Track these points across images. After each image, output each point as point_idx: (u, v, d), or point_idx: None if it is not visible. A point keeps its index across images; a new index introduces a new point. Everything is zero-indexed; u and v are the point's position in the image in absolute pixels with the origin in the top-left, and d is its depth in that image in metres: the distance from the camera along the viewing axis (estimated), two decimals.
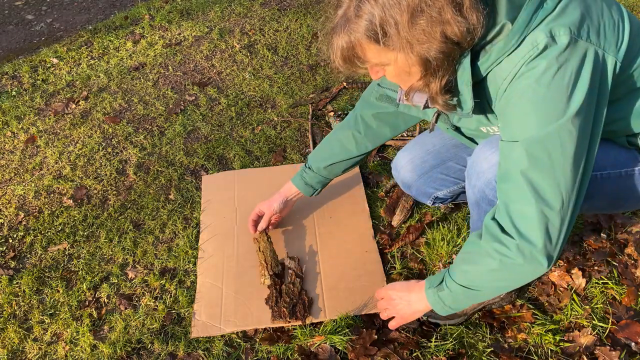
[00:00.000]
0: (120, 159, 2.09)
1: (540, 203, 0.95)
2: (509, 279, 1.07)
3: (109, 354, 1.42)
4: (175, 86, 2.49)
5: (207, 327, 1.45)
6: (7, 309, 1.58)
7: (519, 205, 0.97)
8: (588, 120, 0.94)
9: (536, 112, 0.92)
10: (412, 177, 1.48)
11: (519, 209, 0.97)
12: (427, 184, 1.45)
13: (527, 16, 0.90)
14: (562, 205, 0.95)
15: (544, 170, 0.94)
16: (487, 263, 1.03)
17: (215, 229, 1.74)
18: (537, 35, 0.90)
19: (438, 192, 1.52)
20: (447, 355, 1.34)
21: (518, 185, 0.96)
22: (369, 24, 0.87)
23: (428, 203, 1.54)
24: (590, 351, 1.33)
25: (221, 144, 2.11)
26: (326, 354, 1.36)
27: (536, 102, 0.92)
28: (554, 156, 0.93)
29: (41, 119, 2.35)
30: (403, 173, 1.51)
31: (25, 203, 1.94)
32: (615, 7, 0.99)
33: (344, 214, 1.76)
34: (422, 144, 1.48)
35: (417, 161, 1.46)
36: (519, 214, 0.98)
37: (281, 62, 2.60)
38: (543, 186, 0.94)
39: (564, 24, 0.90)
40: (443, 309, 1.17)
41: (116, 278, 1.63)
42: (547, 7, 0.91)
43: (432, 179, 1.47)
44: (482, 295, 1.13)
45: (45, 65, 2.74)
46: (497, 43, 0.93)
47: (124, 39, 2.89)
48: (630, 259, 1.55)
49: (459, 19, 0.86)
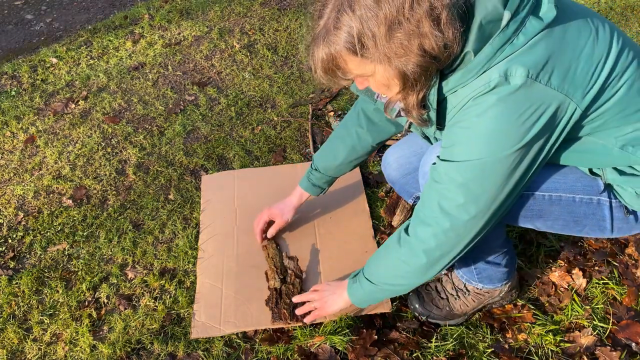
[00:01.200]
0: (119, 159, 2.09)
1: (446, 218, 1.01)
2: (392, 268, 1.15)
3: (108, 355, 1.42)
4: (174, 86, 2.49)
5: (207, 328, 1.45)
6: (7, 309, 1.57)
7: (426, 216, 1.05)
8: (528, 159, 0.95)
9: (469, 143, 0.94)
10: (396, 176, 1.48)
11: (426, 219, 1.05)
12: (410, 183, 1.46)
13: (492, 51, 0.88)
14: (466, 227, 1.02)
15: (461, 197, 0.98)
16: (380, 252, 1.19)
17: (215, 229, 1.73)
18: (491, 73, 0.89)
19: (419, 192, 1.52)
20: (448, 356, 1.34)
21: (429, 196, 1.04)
22: (347, 35, 0.87)
23: (409, 201, 1.54)
24: (591, 351, 1.33)
25: (221, 144, 2.11)
26: (326, 355, 1.36)
27: (477, 134, 0.93)
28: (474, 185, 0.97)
29: (40, 119, 2.34)
30: (389, 170, 1.51)
31: (24, 203, 1.94)
32: (603, 43, 0.93)
33: (344, 214, 1.75)
34: (411, 144, 1.48)
35: (403, 161, 1.47)
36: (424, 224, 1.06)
37: (281, 62, 2.60)
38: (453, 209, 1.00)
39: (524, 64, 0.87)
40: (357, 300, 1.28)
41: (116, 278, 1.63)
42: (517, 42, 0.88)
43: (414, 179, 1.47)
44: (381, 290, 1.21)
45: (45, 65, 2.73)
46: (457, 72, 0.92)
47: (123, 38, 2.89)
48: (631, 259, 1.55)
49: (437, 33, 0.85)
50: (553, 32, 0.90)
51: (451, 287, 1.43)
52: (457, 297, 1.41)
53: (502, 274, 1.35)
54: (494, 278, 1.36)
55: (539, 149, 0.95)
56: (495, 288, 1.39)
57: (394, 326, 1.43)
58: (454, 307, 1.41)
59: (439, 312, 1.41)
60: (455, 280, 1.43)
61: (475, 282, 1.38)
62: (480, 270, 1.34)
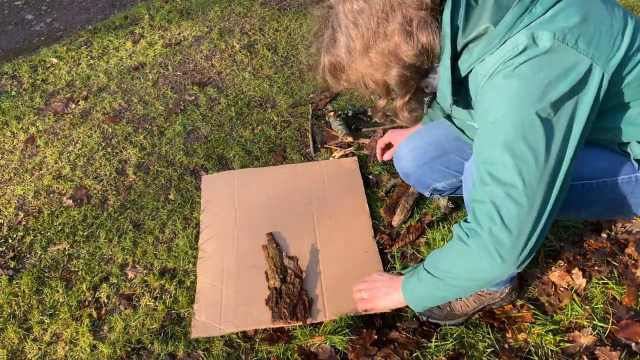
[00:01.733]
0: (120, 159, 2.09)
1: (497, 185, 0.93)
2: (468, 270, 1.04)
3: (108, 354, 1.42)
4: (175, 86, 2.49)
5: (207, 328, 1.45)
6: (7, 309, 1.57)
7: (478, 192, 0.98)
8: (564, 118, 0.92)
9: (504, 101, 0.92)
10: (412, 167, 1.48)
11: (478, 196, 0.98)
12: (426, 175, 1.45)
13: (512, 19, 0.90)
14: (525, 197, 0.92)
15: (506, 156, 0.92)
16: (452, 248, 1.05)
17: (215, 229, 1.73)
18: (518, 37, 0.90)
19: (437, 183, 1.51)
20: (447, 356, 1.34)
21: (479, 171, 0.97)
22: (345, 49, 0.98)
23: (426, 194, 1.53)
24: (591, 351, 1.33)
25: (221, 144, 2.11)
26: (326, 354, 1.36)
27: (506, 93, 0.92)
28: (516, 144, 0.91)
29: (41, 119, 2.34)
30: (403, 162, 1.50)
31: (24, 203, 1.94)
32: (619, 18, 0.96)
33: (344, 214, 1.75)
34: (424, 134, 1.48)
35: (418, 151, 1.46)
36: (477, 200, 0.98)
37: (281, 62, 2.60)
38: (502, 172, 0.93)
39: (549, 29, 0.89)
40: (413, 301, 1.19)
41: (116, 278, 1.63)
42: (535, 12, 0.91)
43: (431, 170, 1.46)
44: (446, 288, 1.10)
45: (45, 65, 2.73)
46: (479, 43, 0.94)
47: (123, 38, 2.89)
48: (631, 259, 1.55)
49: (410, 42, 0.92)
50: (574, 3, 0.92)
51: None
52: (459, 297, 1.41)
53: (508, 276, 1.35)
54: (499, 281, 1.35)
55: (572, 111, 0.92)
56: (497, 290, 1.39)
57: (394, 326, 1.43)
58: (454, 307, 1.41)
59: (439, 312, 1.41)
60: None
61: None
62: None
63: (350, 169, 1.92)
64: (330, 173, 1.91)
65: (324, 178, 1.89)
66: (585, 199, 1.13)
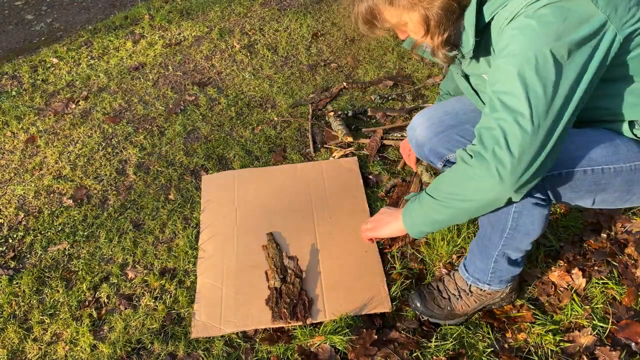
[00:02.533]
0: (120, 159, 2.09)
1: (507, 113, 0.97)
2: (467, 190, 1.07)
3: (108, 354, 1.42)
4: (175, 86, 2.49)
5: (207, 328, 1.45)
6: (7, 309, 1.58)
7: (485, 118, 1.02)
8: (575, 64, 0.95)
9: (520, 36, 0.96)
10: (427, 135, 1.46)
11: (485, 120, 1.02)
12: (441, 143, 1.43)
13: None
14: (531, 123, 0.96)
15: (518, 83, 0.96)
16: (454, 170, 1.09)
17: (215, 229, 1.74)
18: None
19: (451, 154, 1.49)
20: (447, 356, 1.34)
21: (490, 98, 1.02)
22: None
23: (439, 165, 1.51)
24: (591, 351, 1.33)
25: (221, 144, 2.11)
26: (326, 354, 1.36)
27: (523, 29, 0.96)
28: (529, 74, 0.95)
29: (41, 119, 2.34)
30: (419, 130, 1.48)
31: (25, 203, 1.94)
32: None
33: (344, 214, 1.76)
34: (442, 106, 1.49)
35: (435, 119, 1.46)
36: (485, 123, 1.02)
37: (281, 62, 2.60)
38: (512, 100, 0.97)
39: None
40: (412, 226, 1.22)
41: (116, 278, 1.63)
42: None
43: (447, 138, 1.44)
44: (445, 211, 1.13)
45: (45, 65, 2.74)
46: None
47: (123, 38, 2.89)
48: (631, 259, 1.55)
49: None
50: None
51: (454, 288, 1.43)
52: (459, 297, 1.41)
53: (514, 275, 1.35)
54: (504, 280, 1.35)
55: (584, 59, 0.96)
56: (499, 289, 1.38)
57: (394, 326, 1.43)
58: (455, 307, 1.41)
59: (440, 311, 1.41)
60: (459, 281, 1.42)
61: (482, 284, 1.37)
62: (496, 269, 1.33)
63: (350, 169, 1.92)
64: (330, 173, 1.91)
65: (324, 178, 1.89)
66: (600, 183, 1.14)
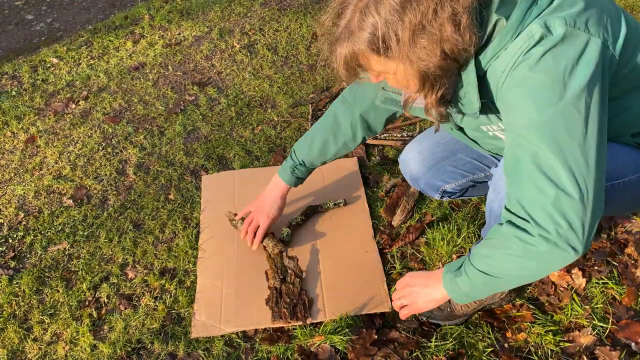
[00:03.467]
0: (120, 159, 2.09)
1: (553, 187, 0.92)
2: (533, 268, 1.01)
3: (108, 354, 1.42)
4: (175, 86, 2.49)
5: (207, 327, 1.45)
6: (7, 309, 1.58)
7: (528, 192, 0.95)
8: (594, 102, 0.92)
9: (534, 98, 0.92)
10: (421, 170, 1.46)
11: (530, 196, 0.95)
12: (436, 176, 1.43)
13: (521, 12, 0.91)
14: (578, 187, 0.92)
15: (551, 153, 0.92)
16: (509, 248, 1.00)
17: (215, 229, 1.74)
18: (532, 28, 0.91)
19: (447, 185, 1.50)
20: (447, 355, 1.34)
21: (526, 172, 0.95)
22: (371, 36, 0.90)
23: (436, 197, 1.52)
24: (591, 351, 1.33)
25: (221, 144, 2.11)
26: (326, 354, 1.36)
27: (534, 88, 0.92)
28: (559, 139, 0.91)
29: (41, 119, 2.34)
30: (412, 165, 1.49)
31: (25, 203, 1.94)
32: (614, 4, 1.00)
33: (344, 214, 1.76)
34: (430, 136, 1.47)
35: (426, 153, 1.45)
36: (531, 201, 0.95)
37: (281, 62, 2.60)
38: (554, 170, 0.92)
39: (559, 17, 0.91)
40: (460, 297, 1.14)
41: (116, 278, 1.63)
42: (542, 3, 0.92)
43: (440, 171, 1.45)
44: (501, 284, 1.08)
45: (45, 65, 2.74)
46: (493, 40, 0.94)
47: (123, 38, 2.89)
48: (631, 259, 1.55)
49: (457, 37, 0.88)
50: None
51: None
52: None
53: None
54: None
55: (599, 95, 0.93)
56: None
57: (394, 326, 1.43)
58: (454, 307, 1.41)
59: (440, 312, 1.41)
60: None
61: None
62: None
63: (350, 169, 1.92)
64: (330, 173, 1.91)
65: (324, 178, 1.89)
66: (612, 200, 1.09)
